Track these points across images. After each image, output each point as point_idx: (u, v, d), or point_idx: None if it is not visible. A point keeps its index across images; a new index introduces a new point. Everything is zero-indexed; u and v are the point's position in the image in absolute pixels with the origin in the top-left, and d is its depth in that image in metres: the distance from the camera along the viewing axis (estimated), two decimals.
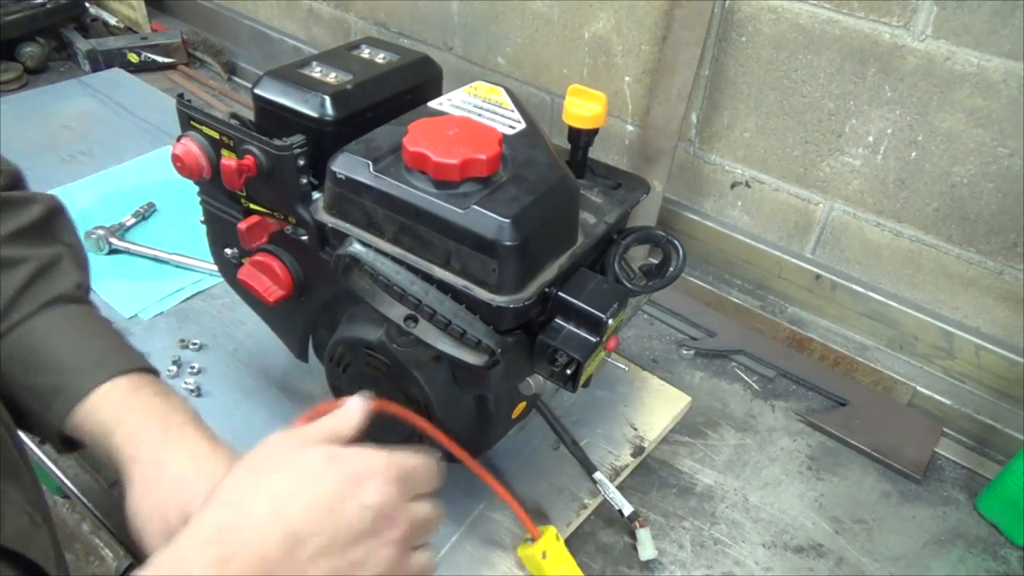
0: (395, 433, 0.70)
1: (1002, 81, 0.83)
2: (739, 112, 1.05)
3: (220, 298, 1.02)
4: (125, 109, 1.44)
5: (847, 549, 0.80)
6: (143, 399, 0.55)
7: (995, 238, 0.91)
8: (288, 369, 0.92)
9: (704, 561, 0.77)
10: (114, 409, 0.53)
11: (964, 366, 0.97)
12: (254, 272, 0.72)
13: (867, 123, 0.95)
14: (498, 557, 0.74)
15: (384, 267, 0.60)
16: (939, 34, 0.85)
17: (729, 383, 0.99)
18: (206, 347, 0.95)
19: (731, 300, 1.09)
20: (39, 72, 1.59)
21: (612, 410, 0.91)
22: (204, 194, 0.74)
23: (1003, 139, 0.85)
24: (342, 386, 0.71)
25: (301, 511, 0.41)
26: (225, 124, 0.64)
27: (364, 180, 0.61)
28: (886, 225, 0.99)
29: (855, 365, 1.01)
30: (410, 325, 0.59)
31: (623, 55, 1.13)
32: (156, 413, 0.54)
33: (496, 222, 0.57)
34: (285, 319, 0.79)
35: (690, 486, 0.85)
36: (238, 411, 0.87)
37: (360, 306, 0.67)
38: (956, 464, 0.91)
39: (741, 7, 0.98)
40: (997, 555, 0.80)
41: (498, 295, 0.58)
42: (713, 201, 1.15)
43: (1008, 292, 0.93)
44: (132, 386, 0.55)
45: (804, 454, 0.90)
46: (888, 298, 1.01)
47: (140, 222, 1.15)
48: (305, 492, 0.41)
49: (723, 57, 1.03)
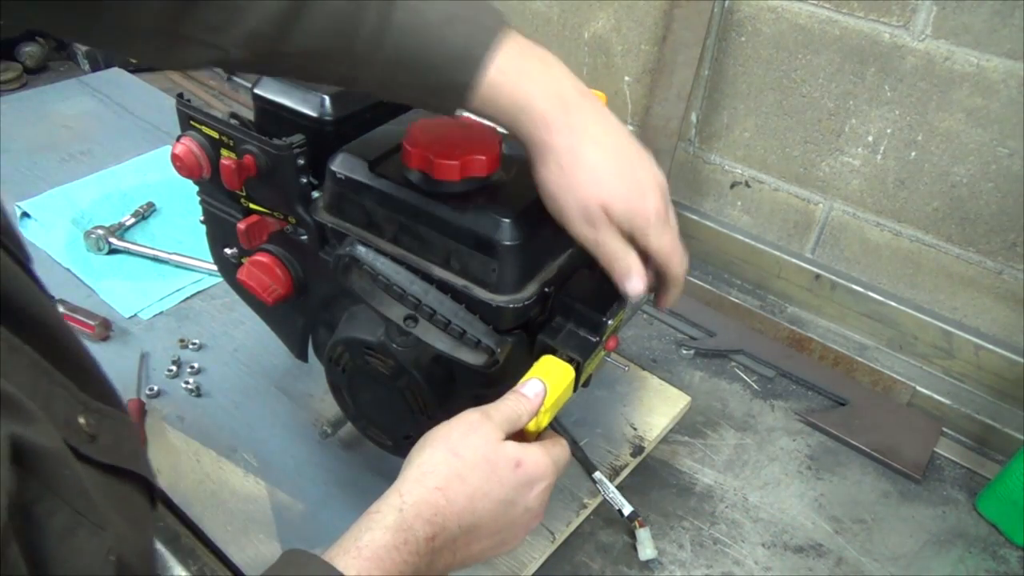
0: (399, 432, 0.70)
1: (1002, 81, 0.83)
2: (739, 112, 1.05)
3: (220, 298, 1.02)
4: (125, 109, 1.44)
5: (847, 549, 0.80)
6: (534, 71, 0.52)
7: (995, 238, 0.91)
8: (288, 369, 0.92)
9: (704, 561, 0.77)
10: (512, 86, 0.51)
11: (964, 366, 0.97)
12: (254, 272, 0.71)
13: (867, 123, 0.95)
14: (498, 557, 0.74)
15: (384, 267, 0.60)
16: (939, 34, 0.85)
17: (729, 383, 0.99)
18: (206, 347, 0.95)
19: (731, 300, 1.09)
20: (39, 72, 1.59)
21: (612, 410, 0.91)
22: (204, 194, 0.74)
23: (1003, 139, 0.85)
24: (342, 386, 0.71)
25: (487, 509, 0.49)
26: (225, 124, 0.64)
27: (364, 180, 0.61)
28: (886, 225, 0.99)
29: (855, 365, 1.01)
30: (410, 325, 0.59)
31: (623, 55, 1.13)
32: (555, 96, 0.52)
33: (496, 222, 0.57)
34: (285, 319, 0.79)
35: (690, 486, 0.85)
36: (238, 411, 0.87)
37: (360, 306, 0.67)
38: (956, 464, 0.91)
39: (741, 7, 0.98)
40: (997, 555, 0.80)
41: (498, 295, 0.58)
42: (713, 201, 1.15)
43: (1008, 292, 0.93)
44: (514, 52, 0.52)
45: (804, 454, 0.90)
46: (888, 298, 1.01)
47: (140, 222, 1.15)
48: (494, 493, 0.49)
49: (723, 57, 1.03)
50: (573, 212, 0.54)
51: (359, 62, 0.51)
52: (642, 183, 0.54)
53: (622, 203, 0.53)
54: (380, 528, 0.45)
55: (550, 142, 0.52)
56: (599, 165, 0.53)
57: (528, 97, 0.51)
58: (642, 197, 0.54)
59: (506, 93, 0.51)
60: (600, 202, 0.53)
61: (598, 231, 0.54)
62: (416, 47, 0.50)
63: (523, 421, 0.53)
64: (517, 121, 0.52)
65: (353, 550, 0.44)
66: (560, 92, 0.52)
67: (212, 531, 0.74)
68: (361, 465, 0.82)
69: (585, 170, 0.52)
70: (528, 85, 0.51)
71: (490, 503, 0.49)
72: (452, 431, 0.51)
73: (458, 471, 0.49)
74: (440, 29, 0.49)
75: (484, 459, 0.50)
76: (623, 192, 0.53)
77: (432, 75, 0.51)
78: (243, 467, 0.81)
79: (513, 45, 0.51)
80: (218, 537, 0.74)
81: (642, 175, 0.55)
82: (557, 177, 0.53)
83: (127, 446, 0.48)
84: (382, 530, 0.45)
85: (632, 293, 0.56)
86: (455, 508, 0.48)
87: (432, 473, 0.49)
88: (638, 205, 0.54)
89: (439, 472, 0.49)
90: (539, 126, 0.52)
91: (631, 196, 0.54)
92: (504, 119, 0.53)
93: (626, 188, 0.53)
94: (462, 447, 0.50)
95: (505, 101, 0.51)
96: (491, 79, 0.50)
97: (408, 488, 0.48)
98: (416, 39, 0.49)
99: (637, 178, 0.54)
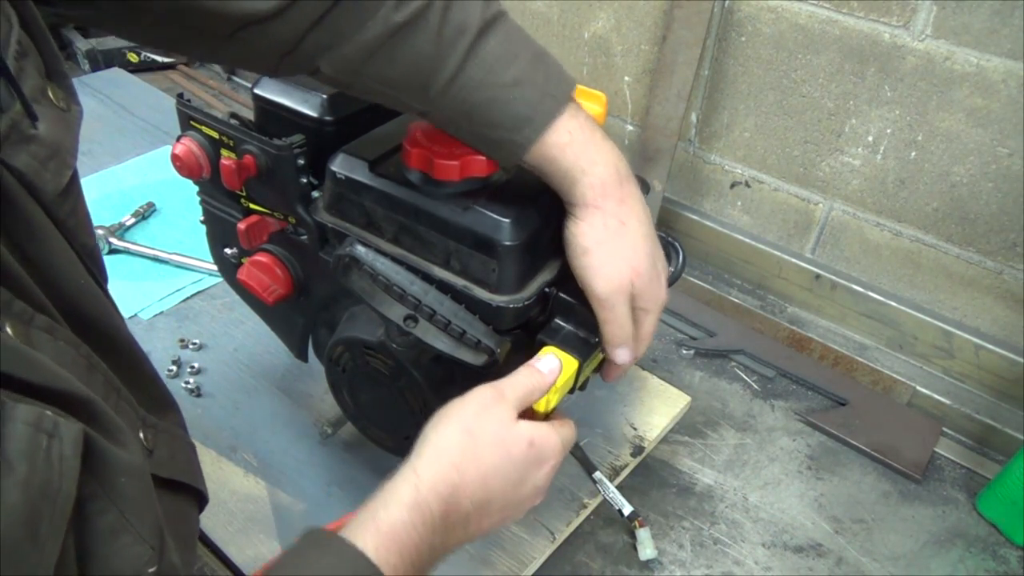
0: (399, 432, 0.70)
1: (1002, 81, 0.83)
2: (739, 112, 1.05)
3: (220, 298, 1.02)
4: (125, 109, 1.44)
5: (847, 549, 0.80)
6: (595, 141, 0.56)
7: (995, 238, 0.91)
8: (288, 369, 0.92)
9: (704, 561, 0.77)
10: (576, 150, 0.55)
11: (964, 366, 0.97)
12: (254, 272, 0.71)
13: (867, 123, 0.95)
14: (497, 557, 0.74)
15: (384, 267, 0.60)
16: (939, 34, 0.85)
17: (729, 383, 0.99)
18: (206, 347, 0.95)
19: (731, 300, 1.09)
20: None
21: (612, 410, 0.91)
22: (204, 194, 0.74)
23: (1003, 139, 0.85)
24: (342, 386, 0.71)
25: (499, 487, 0.51)
26: (225, 124, 0.64)
27: (364, 180, 0.61)
28: (886, 225, 0.99)
29: (855, 365, 1.01)
30: (410, 325, 0.59)
31: (623, 55, 1.13)
32: (613, 168, 0.56)
33: (496, 222, 0.57)
34: (285, 319, 0.79)
35: (690, 486, 0.85)
36: (238, 411, 0.87)
37: (360, 306, 0.67)
38: (956, 464, 0.91)
39: (741, 7, 0.98)
40: (997, 555, 0.80)
41: (498, 295, 0.58)
42: (713, 201, 1.15)
43: (1008, 292, 0.93)
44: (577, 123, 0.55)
45: (804, 454, 0.90)
46: (888, 298, 1.01)
47: (140, 222, 1.15)
48: (505, 471, 0.51)
49: (723, 57, 1.03)
50: (604, 273, 0.57)
51: (431, 103, 0.54)
52: (661, 269, 0.59)
53: (646, 283, 0.57)
54: (396, 505, 0.47)
55: (603, 207, 0.56)
56: (639, 242, 0.57)
57: (592, 163, 0.55)
58: (661, 286, 0.59)
59: (571, 154, 0.54)
60: (632, 275, 0.56)
61: (618, 299, 0.57)
62: (483, 102, 0.53)
63: (535, 397, 0.55)
64: (576, 182, 0.55)
65: (371, 526, 0.45)
66: (617, 167, 0.56)
67: (212, 531, 0.74)
68: (361, 465, 0.82)
69: (627, 242, 0.56)
70: (593, 152, 0.55)
71: (502, 481, 0.51)
72: (466, 408, 0.52)
73: (473, 450, 0.50)
74: (508, 91, 0.53)
75: (498, 438, 0.51)
76: (650, 274, 0.57)
77: (494, 131, 0.54)
78: (243, 467, 0.81)
79: (579, 114, 0.55)
80: (218, 537, 0.74)
81: (661, 265, 0.59)
82: (600, 237, 0.56)
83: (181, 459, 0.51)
84: (398, 507, 0.46)
85: (619, 360, 0.60)
86: (469, 486, 0.49)
87: (447, 451, 0.50)
88: (656, 290, 0.58)
89: (454, 450, 0.50)
90: (596, 190, 0.55)
91: (653, 280, 0.58)
92: (561, 178, 0.56)
93: (652, 271, 0.57)
94: (476, 426, 0.51)
95: (569, 161, 0.55)
96: (556, 140, 0.54)
97: (423, 465, 0.49)
98: (484, 94, 0.53)
99: (658, 263, 0.59)
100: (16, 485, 0.29)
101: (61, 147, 0.42)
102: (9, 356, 0.32)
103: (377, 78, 0.54)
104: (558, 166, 0.55)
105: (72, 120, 0.44)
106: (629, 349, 0.60)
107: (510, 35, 0.53)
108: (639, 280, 0.57)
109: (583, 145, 0.54)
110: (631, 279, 0.56)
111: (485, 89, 0.52)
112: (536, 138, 0.53)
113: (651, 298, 0.58)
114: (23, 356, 0.33)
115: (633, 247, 0.56)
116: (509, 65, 0.52)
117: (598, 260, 0.56)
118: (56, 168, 0.42)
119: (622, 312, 0.57)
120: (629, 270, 0.56)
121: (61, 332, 0.39)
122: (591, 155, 0.55)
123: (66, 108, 0.44)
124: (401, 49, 0.52)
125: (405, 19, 0.51)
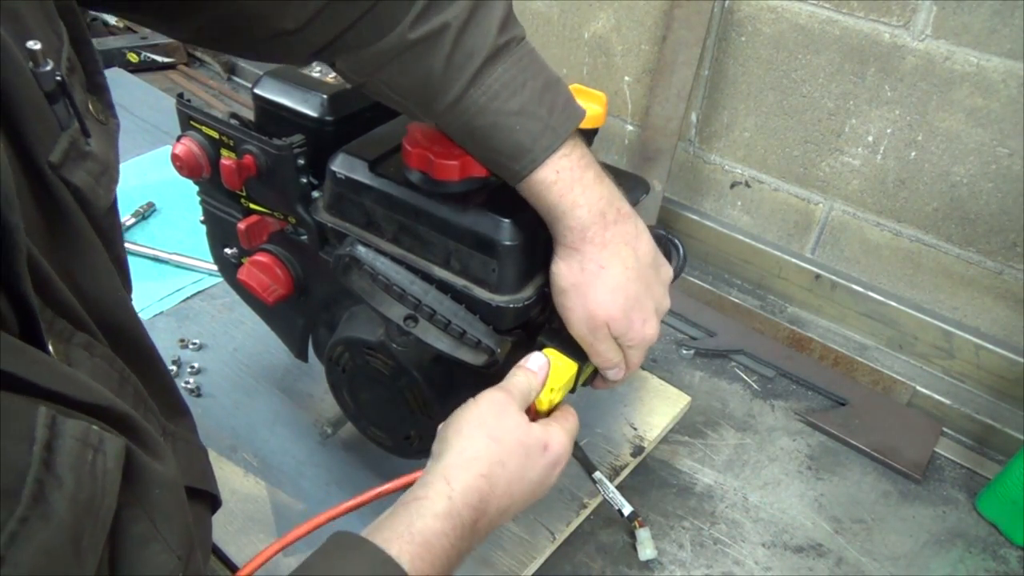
0: (399, 432, 0.70)
1: (1002, 81, 0.83)
2: (739, 112, 1.05)
3: (220, 298, 1.02)
4: (125, 109, 1.44)
5: (847, 549, 0.80)
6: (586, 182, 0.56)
7: (995, 238, 0.91)
8: (288, 369, 0.92)
9: (704, 561, 0.77)
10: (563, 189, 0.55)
11: (964, 366, 0.97)
12: (254, 272, 0.71)
13: (867, 123, 0.95)
14: (498, 557, 0.74)
15: (384, 267, 0.60)
16: (939, 34, 0.85)
17: (729, 383, 0.99)
18: (206, 347, 0.95)
19: (731, 300, 1.09)
20: None
21: (612, 410, 0.91)
22: (204, 194, 0.74)
23: (1003, 139, 0.85)
24: (342, 385, 0.71)
25: (520, 492, 0.53)
26: (225, 124, 0.64)
27: (364, 180, 0.61)
28: (886, 225, 0.99)
29: (855, 365, 1.01)
30: (410, 325, 0.59)
31: (623, 55, 1.13)
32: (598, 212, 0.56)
33: (496, 222, 0.57)
34: (285, 319, 0.79)
35: (690, 486, 0.85)
36: (238, 411, 0.87)
37: (360, 306, 0.67)
38: (956, 464, 0.91)
39: (741, 7, 0.98)
40: (997, 555, 0.80)
41: (498, 295, 0.58)
42: (713, 201, 1.15)
43: (1008, 292, 0.93)
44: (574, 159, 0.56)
45: (804, 454, 0.90)
46: (888, 298, 1.01)
47: (140, 222, 1.15)
48: (528, 476, 0.53)
49: (723, 57, 1.03)
50: (578, 314, 0.58)
51: (436, 117, 0.55)
52: (647, 310, 0.59)
53: (623, 324, 0.58)
54: (431, 515, 0.47)
55: (581, 249, 0.56)
56: (617, 286, 0.57)
57: (574, 205, 0.55)
58: (643, 324, 0.59)
59: (555, 193, 0.54)
60: (607, 318, 0.57)
61: (596, 339, 0.58)
62: (486, 127, 0.53)
63: (532, 396, 0.56)
64: (557, 221, 0.56)
65: (406, 536, 0.46)
66: (603, 210, 0.56)
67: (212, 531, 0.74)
68: (361, 465, 0.82)
69: (603, 286, 0.56)
70: (577, 193, 0.55)
71: (524, 485, 0.53)
72: (486, 414, 0.53)
73: (500, 457, 0.51)
74: (511, 119, 0.53)
75: (520, 444, 0.53)
76: (627, 314, 0.58)
77: (494, 155, 0.55)
78: (243, 467, 0.81)
79: (574, 152, 0.55)
80: (218, 537, 0.73)
81: (649, 304, 0.59)
82: (576, 280, 0.57)
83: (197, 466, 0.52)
84: (432, 517, 0.47)
85: (609, 379, 0.63)
86: (496, 493, 0.51)
87: (476, 459, 0.51)
88: (636, 330, 0.59)
89: (482, 459, 0.51)
90: (575, 233, 0.55)
91: (633, 320, 0.58)
92: (546, 214, 0.56)
93: (632, 312, 0.58)
94: (499, 431, 0.52)
95: (552, 199, 0.55)
96: (543, 177, 0.54)
97: (455, 475, 0.50)
98: (487, 120, 0.53)
99: (644, 305, 0.59)
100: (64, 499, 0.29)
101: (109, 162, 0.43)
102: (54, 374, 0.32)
103: (387, 85, 0.55)
104: (543, 202, 0.55)
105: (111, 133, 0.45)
106: (621, 371, 0.61)
107: (521, 62, 0.54)
108: (615, 324, 0.57)
109: (569, 185, 0.54)
110: (605, 322, 0.57)
111: (488, 115, 0.53)
112: (533, 169, 0.54)
113: (632, 338, 0.59)
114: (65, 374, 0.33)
115: (611, 291, 0.56)
116: (514, 94, 0.53)
117: (571, 302, 0.58)
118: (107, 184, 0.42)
119: (604, 347, 0.59)
120: (603, 314, 0.57)
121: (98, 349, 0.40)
122: (575, 196, 0.54)
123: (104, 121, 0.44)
124: (413, 64, 0.53)
125: (419, 37, 0.51)
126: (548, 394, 0.57)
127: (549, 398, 0.57)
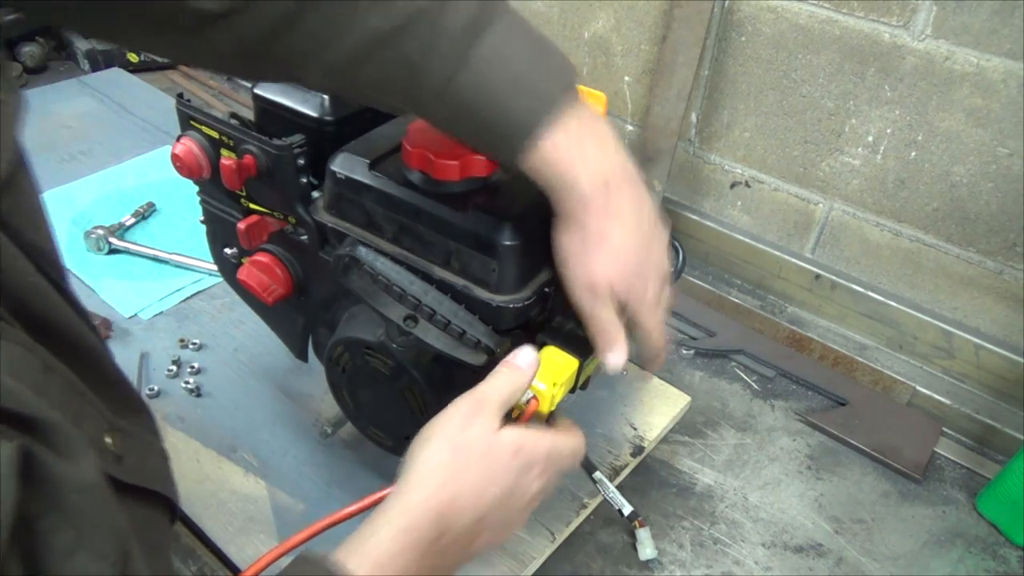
0: (399, 432, 0.70)
1: (1002, 81, 0.83)
2: (739, 112, 1.05)
3: (220, 298, 1.02)
4: (125, 109, 1.44)
5: (847, 549, 0.80)
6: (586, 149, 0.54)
7: (995, 238, 0.91)
8: (288, 369, 0.92)
9: (704, 561, 0.77)
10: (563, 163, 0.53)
11: (964, 366, 0.97)
12: (254, 272, 0.71)
13: (867, 123, 0.95)
14: (498, 557, 0.74)
15: (384, 267, 0.60)
16: (939, 34, 0.85)
17: (729, 383, 0.99)
18: (206, 347, 0.95)
19: (731, 300, 1.09)
20: (39, 72, 1.59)
21: (612, 410, 0.91)
22: (204, 194, 0.74)
23: (1003, 139, 0.85)
24: (342, 385, 0.71)
25: (490, 502, 0.50)
26: (225, 124, 0.64)
27: (364, 180, 0.61)
28: (886, 225, 0.99)
29: (855, 365, 1.01)
30: (410, 325, 0.59)
31: (623, 55, 1.13)
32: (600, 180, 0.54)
33: (496, 222, 0.57)
34: (285, 319, 0.79)
35: (690, 486, 0.85)
36: (238, 411, 0.87)
37: (360, 306, 0.67)
38: (956, 464, 0.91)
39: (741, 7, 0.98)
40: (997, 555, 0.80)
41: (498, 295, 0.58)
42: (713, 201, 1.15)
43: (1008, 292, 0.93)
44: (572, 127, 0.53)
45: (804, 454, 0.90)
46: (888, 298, 1.01)
47: (140, 222, 1.15)
48: (496, 484, 0.50)
49: (723, 57, 1.03)
50: (580, 281, 0.56)
51: (423, 108, 0.53)
52: (649, 268, 0.57)
53: (626, 283, 0.56)
54: (387, 529, 0.46)
55: (584, 221, 0.54)
56: (618, 247, 0.55)
57: (575, 178, 0.53)
58: (644, 281, 0.57)
59: (554, 167, 0.52)
60: (608, 279, 0.55)
61: (596, 302, 0.56)
62: (478, 105, 0.51)
63: (519, 395, 0.54)
64: (559, 195, 0.54)
65: (361, 552, 0.45)
66: (605, 176, 0.54)
67: (212, 531, 0.74)
68: (361, 465, 0.82)
69: (605, 251, 0.55)
70: (578, 165, 0.53)
71: (494, 494, 0.50)
72: (449, 424, 0.51)
73: (462, 465, 0.49)
74: (504, 94, 0.51)
75: (485, 450, 0.50)
76: (630, 273, 0.56)
77: (488, 134, 0.53)
78: (243, 467, 0.81)
79: (573, 118, 0.52)
80: (218, 537, 0.74)
81: (652, 260, 0.57)
82: (578, 250, 0.55)
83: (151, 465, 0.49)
84: (388, 532, 0.46)
85: (610, 365, 0.58)
86: (461, 504, 0.48)
87: (435, 471, 0.49)
88: (639, 287, 0.56)
89: (442, 470, 0.49)
90: (578, 206, 0.54)
91: (635, 279, 0.56)
92: (548, 189, 0.55)
93: (634, 270, 0.56)
94: (462, 440, 0.50)
95: (552, 173, 0.53)
96: (543, 151, 0.52)
97: (413, 489, 0.48)
98: (479, 97, 0.51)
99: (646, 263, 0.57)
100: None
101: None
102: None
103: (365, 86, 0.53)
104: (544, 176, 0.53)
105: (6, 112, 0.42)
106: (621, 353, 0.58)
107: (510, 31, 0.52)
108: (620, 282, 0.55)
109: (568, 156, 0.52)
110: (608, 284, 0.55)
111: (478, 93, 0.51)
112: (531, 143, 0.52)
113: (637, 296, 0.56)
114: None
115: (610, 255, 0.55)
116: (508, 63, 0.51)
117: (573, 272, 0.56)
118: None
119: (603, 317, 0.56)
120: (604, 277, 0.55)
121: (9, 331, 0.37)
122: (576, 169, 0.52)
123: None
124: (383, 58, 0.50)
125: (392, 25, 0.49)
126: (549, 390, 0.56)
127: (549, 398, 0.56)
